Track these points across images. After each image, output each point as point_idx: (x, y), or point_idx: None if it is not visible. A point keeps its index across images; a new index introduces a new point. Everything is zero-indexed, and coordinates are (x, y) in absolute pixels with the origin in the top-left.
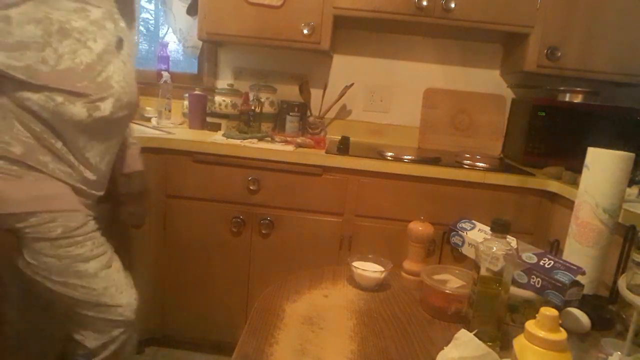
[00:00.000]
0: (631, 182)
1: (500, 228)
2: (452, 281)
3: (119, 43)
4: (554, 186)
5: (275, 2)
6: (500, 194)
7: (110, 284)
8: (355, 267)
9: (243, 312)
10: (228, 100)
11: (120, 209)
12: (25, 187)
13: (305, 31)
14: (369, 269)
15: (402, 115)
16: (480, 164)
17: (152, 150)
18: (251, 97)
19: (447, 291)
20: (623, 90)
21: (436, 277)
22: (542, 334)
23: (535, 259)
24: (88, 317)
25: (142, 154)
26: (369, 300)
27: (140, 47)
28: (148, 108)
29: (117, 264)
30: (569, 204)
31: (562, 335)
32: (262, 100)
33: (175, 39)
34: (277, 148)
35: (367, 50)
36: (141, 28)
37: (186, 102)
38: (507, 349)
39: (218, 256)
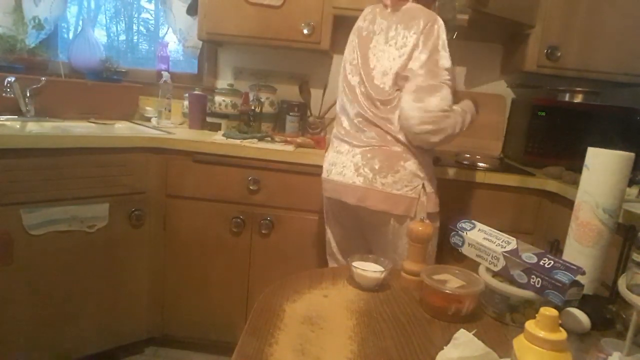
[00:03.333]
0: (631, 182)
1: None
2: (452, 281)
3: None
4: (554, 186)
5: (275, 2)
6: (500, 194)
7: None
8: (355, 267)
9: (243, 312)
10: (228, 100)
11: None
12: None
13: (305, 31)
14: (369, 269)
15: None
16: (480, 164)
17: (152, 150)
18: (251, 97)
19: (447, 291)
20: (623, 90)
21: (436, 277)
22: (542, 334)
23: (535, 259)
24: None
25: (143, 153)
26: (369, 300)
27: (140, 47)
28: (148, 108)
29: None
30: (569, 204)
31: (562, 335)
32: (262, 100)
33: (175, 39)
34: (277, 148)
35: None
36: (141, 28)
37: (186, 102)
38: (507, 349)
39: (218, 256)
